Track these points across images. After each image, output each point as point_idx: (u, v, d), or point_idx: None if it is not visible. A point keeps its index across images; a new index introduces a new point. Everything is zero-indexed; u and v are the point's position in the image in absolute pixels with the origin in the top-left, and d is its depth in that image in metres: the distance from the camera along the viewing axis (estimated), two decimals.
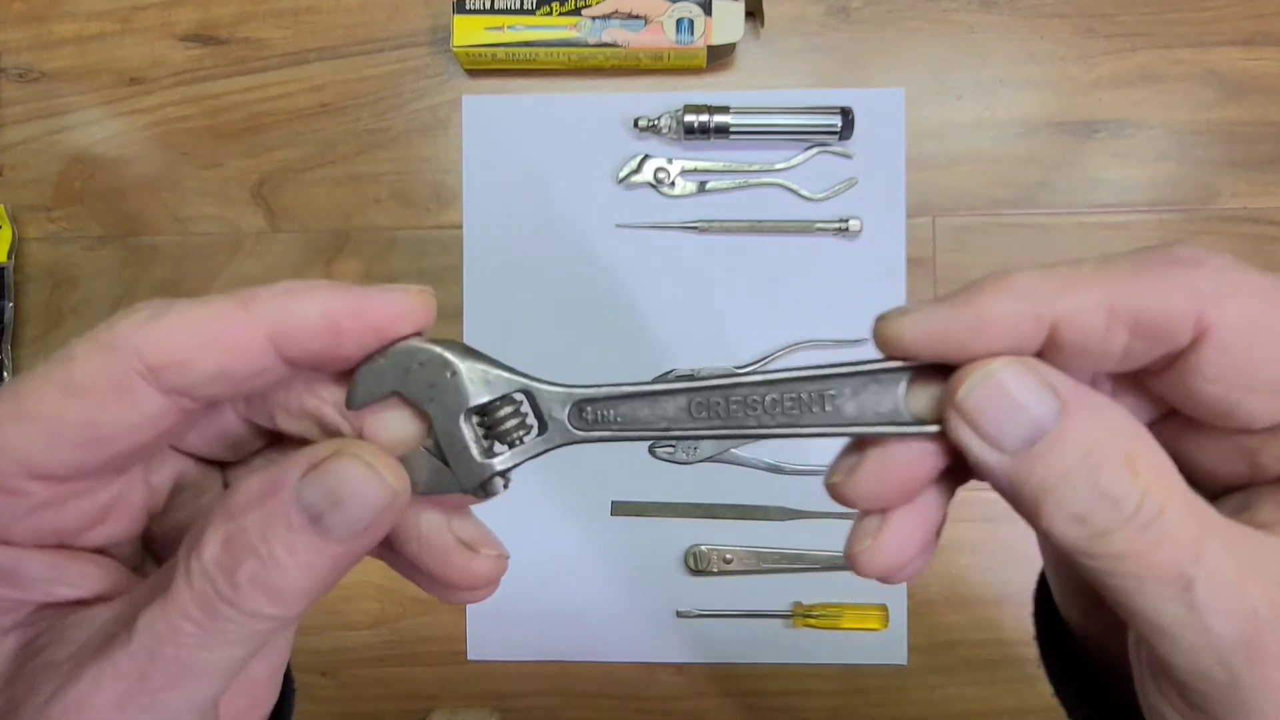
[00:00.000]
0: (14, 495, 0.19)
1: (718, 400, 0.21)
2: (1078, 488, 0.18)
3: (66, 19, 0.64)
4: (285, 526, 0.19)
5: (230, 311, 0.19)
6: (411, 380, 0.21)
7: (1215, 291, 0.18)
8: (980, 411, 0.19)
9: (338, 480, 0.19)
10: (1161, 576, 0.18)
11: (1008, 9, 0.61)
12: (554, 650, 0.62)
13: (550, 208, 0.62)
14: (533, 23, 0.59)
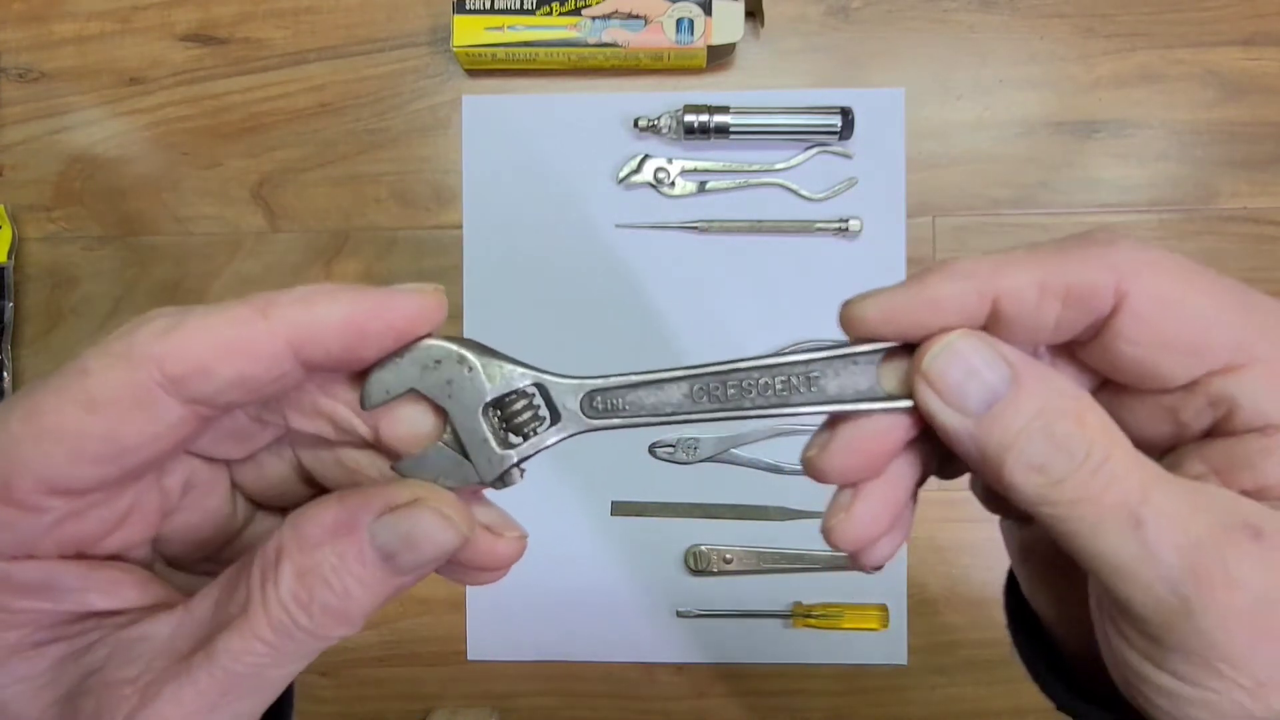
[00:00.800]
0: (37, 512, 0.19)
1: (716, 385, 0.23)
2: (1034, 441, 0.20)
3: (66, 19, 0.64)
4: (359, 563, 0.20)
5: (249, 319, 0.19)
6: (428, 377, 0.21)
7: (1130, 264, 0.20)
8: (943, 377, 0.21)
9: (413, 527, 0.21)
10: (1114, 516, 0.20)
11: (1008, 9, 0.61)
12: (554, 650, 0.62)
13: (550, 208, 0.62)
14: (533, 23, 0.59)
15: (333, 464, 0.24)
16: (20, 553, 0.20)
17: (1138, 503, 0.20)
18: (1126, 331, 0.21)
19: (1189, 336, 0.21)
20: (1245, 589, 0.20)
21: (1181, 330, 0.21)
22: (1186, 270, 0.21)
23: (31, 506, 0.19)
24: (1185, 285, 0.21)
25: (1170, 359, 0.21)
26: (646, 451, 0.61)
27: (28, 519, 0.19)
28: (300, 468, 0.25)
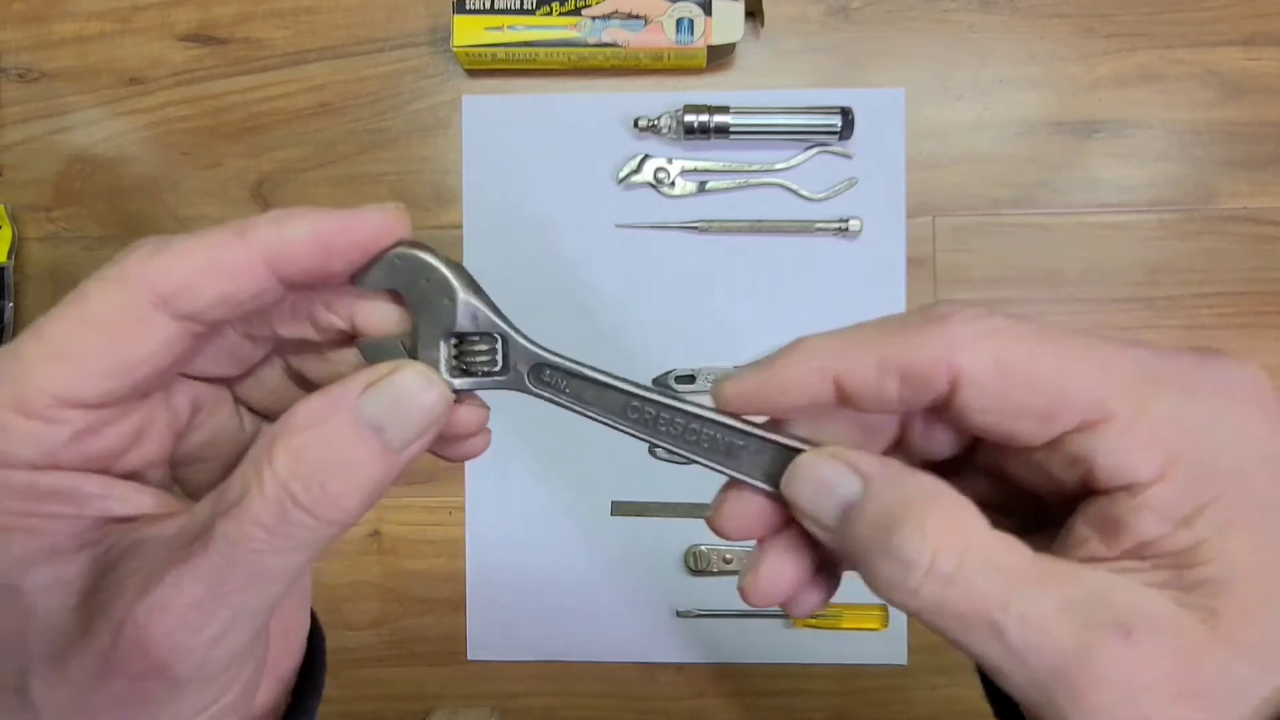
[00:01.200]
0: (54, 423, 0.21)
1: (650, 412, 0.25)
2: (877, 552, 0.21)
3: (66, 19, 0.64)
4: (350, 438, 0.21)
5: (228, 240, 0.21)
6: (415, 289, 0.23)
7: (963, 339, 0.21)
8: (800, 498, 0.23)
9: (396, 392, 0.22)
10: (975, 624, 0.20)
11: (1008, 9, 0.61)
12: (554, 650, 0.62)
13: (550, 208, 0.62)
14: (533, 23, 0.59)
15: (321, 364, 0.26)
16: (45, 463, 0.21)
17: (998, 611, 0.20)
18: (971, 402, 0.21)
19: (1035, 401, 0.21)
20: (1115, 690, 0.19)
21: (1026, 395, 0.21)
22: (1028, 334, 0.21)
23: (49, 418, 0.21)
24: (1026, 350, 0.21)
25: (1021, 423, 0.21)
26: (646, 452, 0.61)
27: (47, 430, 0.21)
28: (295, 374, 0.27)
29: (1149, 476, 0.20)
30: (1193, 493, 0.20)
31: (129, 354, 0.21)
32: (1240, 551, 0.20)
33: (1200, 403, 0.20)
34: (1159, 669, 0.19)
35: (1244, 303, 0.60)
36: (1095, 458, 0.20)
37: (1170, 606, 0.20)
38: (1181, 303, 0.60)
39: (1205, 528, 0.20)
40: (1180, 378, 0.21)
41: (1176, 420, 0.20)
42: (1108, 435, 0.20)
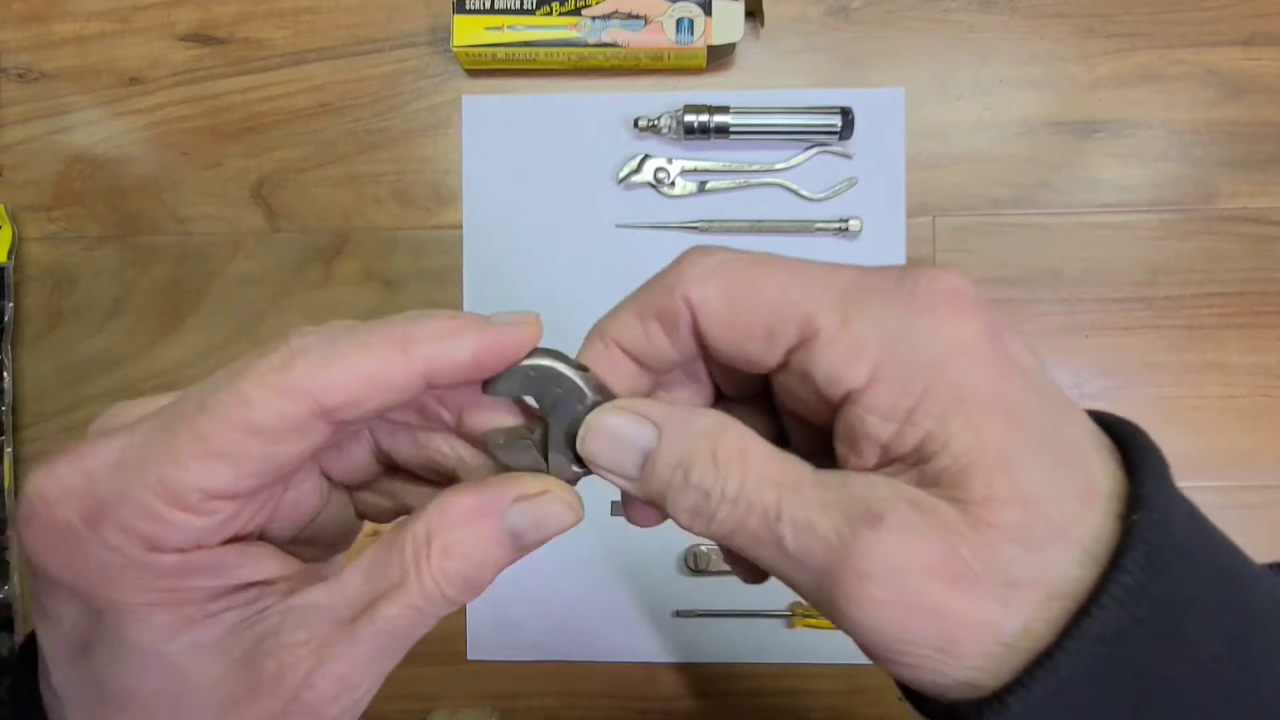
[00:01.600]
0: (206, 515, 0.22)
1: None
2: (680, 489, 0.23)
3: (66, 19, 0.64)
4: (496, 543, 0.24)
5: (392, 355, 0.22)
6: (547, 396, 0.25)
7: (692, 277, 0.24)
8: (598, 455, 0.24)
9: (544, 513, 0.25)
10: (761, 537, 0.22)
11: (1008, 9, 0.61)
12: (554, 650, 0.62)
13: (550, 208, 0.62)
14: (533, 23, 0.59)
15: (413, 449, 0.28)
16: (192, 546, 0.23)
17: (774, 520, 0.22)
18: (710, 331, 0.23)
19: (757, 321, 0.23)
20: (876, 577, 0.21)
21: (749, 318, 0.23)
22: (749, 264, 0.23)
23: (201, 511, 0.22)
24: (748, 278, 0.23)
25: (751, 345, 0.23)
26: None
27: (199, 521, 0.22)
28: (379, 450, 0.28)
29: (860, 382, 0.22)
30: (904, 391, 0.21)
31: (283, 457, 0.23)
32: (965, 437, 0.21)
33: (898, 309, 0.22)
34: (916, 553, 0.20)
35: (1244, 303, 0.60)
36: (813, 371, 0.22)
37: (922, 495, 0.21)
38: (1181, 303, 0.60)
39: (925, 420, 0.21)
40: (881, 290, 0.22)
41: (878, 328, 0.22)
42: (819, 348, 0.22)
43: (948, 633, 0.21)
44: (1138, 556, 0.20)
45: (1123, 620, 0.20)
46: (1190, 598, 0.20)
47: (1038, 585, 0.20)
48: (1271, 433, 0.60)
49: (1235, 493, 0.60)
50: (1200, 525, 0.22)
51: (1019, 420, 0.21)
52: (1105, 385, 0.60)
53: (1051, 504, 0.21)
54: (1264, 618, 0.21)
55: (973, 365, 0.21)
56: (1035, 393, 0.22)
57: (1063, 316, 0.61)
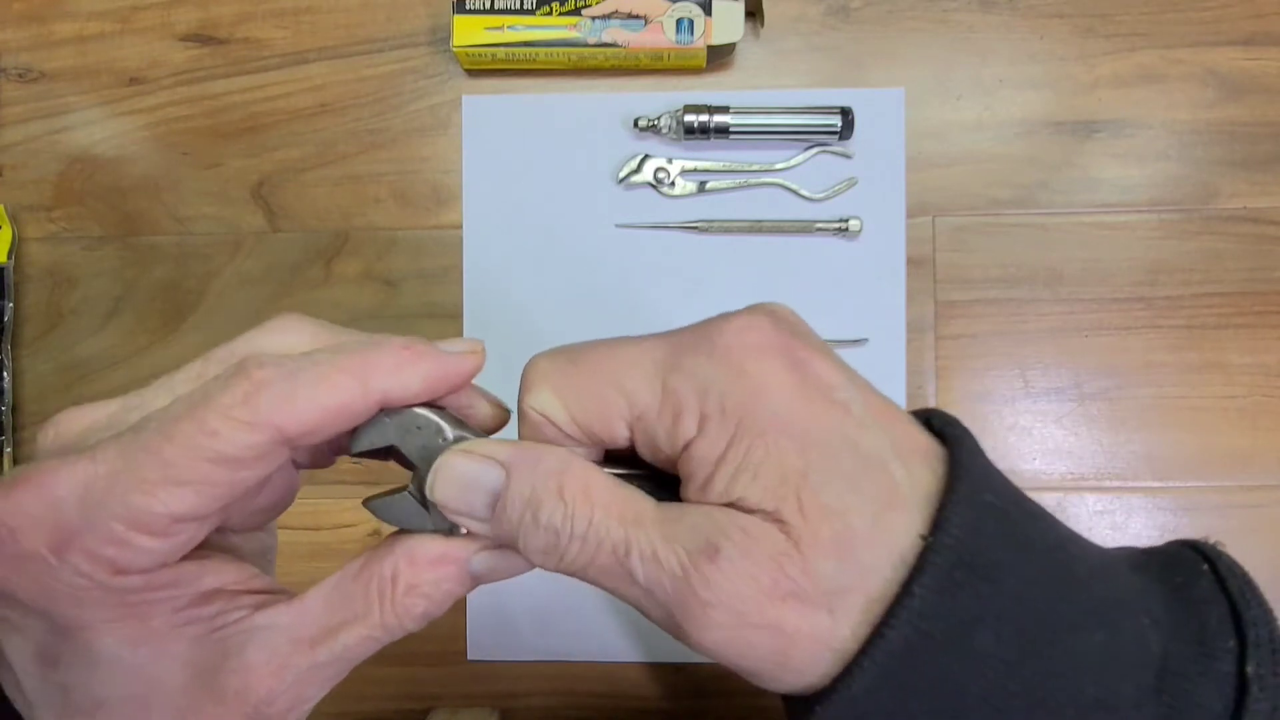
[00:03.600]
0: (171, 537, 0.24)
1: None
2: (530, 529, 0.24)
3: (66, 19, 0.64)
4: (457, 584, 0.26)
5: (351, 388, 0.24)
6: (409, 440, 0.25)
7: (523, 385, 0.25)
8: (448, 499, 0.25)
9: (504, 562, 0.26)
10: (613, 572, 0.23)
11: (1008, 9, 0.61)
12: (554, 650, 0.62)
13: (550, 208, 0.62)
14: (533, 23, 0.59)
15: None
16: (157, 566, 0.24)
17: (624, 555, 0.23)
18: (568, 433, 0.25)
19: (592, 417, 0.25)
20: (716, 606, 0.22)
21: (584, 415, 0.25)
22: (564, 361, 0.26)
23: (168, 534, 0.23)
24: (568, 380, 0.25)
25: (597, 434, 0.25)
26: None
27: (166, 543, 0.23)
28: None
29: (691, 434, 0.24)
30: (720, 434, 0.23)
31: (248, 480, 0.24)
32: (770, 466, 0.23)
33: (703, 363, 0.24)
34: (751, 578, 0.22)
35: (1244, 303, 0.60)
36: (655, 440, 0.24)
37: (751, 522, 0.22)
38: (1181, 303, 0.60)
39: (737, 457, 0.23)
40: (691, 348, 0.24)
41: (693, 383, 0.24)
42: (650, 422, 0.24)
43: (784, 647, 0.23)
44: (926, 580, 0.21)
45: (912, 637, 0.21)
46: (981, 612, 0.21)
47: (857, 592, 0.22)
48: (1271, 433, 0.60)
49: (1235, 493, 0.60)
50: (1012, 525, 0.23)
51: (814, 442, 0.23)
52: (1105, 385, 0.60)
53: (854, 514, 0.22)
54: (1064, 620, 0.22)
55: (773, 400, 0.23)
56: (835, 411, 0.23)
57: (1062, 316, 0.61)
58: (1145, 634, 0.22)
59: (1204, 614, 0.23)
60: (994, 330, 0.61)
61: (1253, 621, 0.23)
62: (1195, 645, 0.23)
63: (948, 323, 0.61)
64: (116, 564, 0.23)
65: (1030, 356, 0.61)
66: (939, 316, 0.61)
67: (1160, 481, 0.60)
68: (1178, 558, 0.25)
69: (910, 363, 0.61)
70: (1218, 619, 0.23)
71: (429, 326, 0.63)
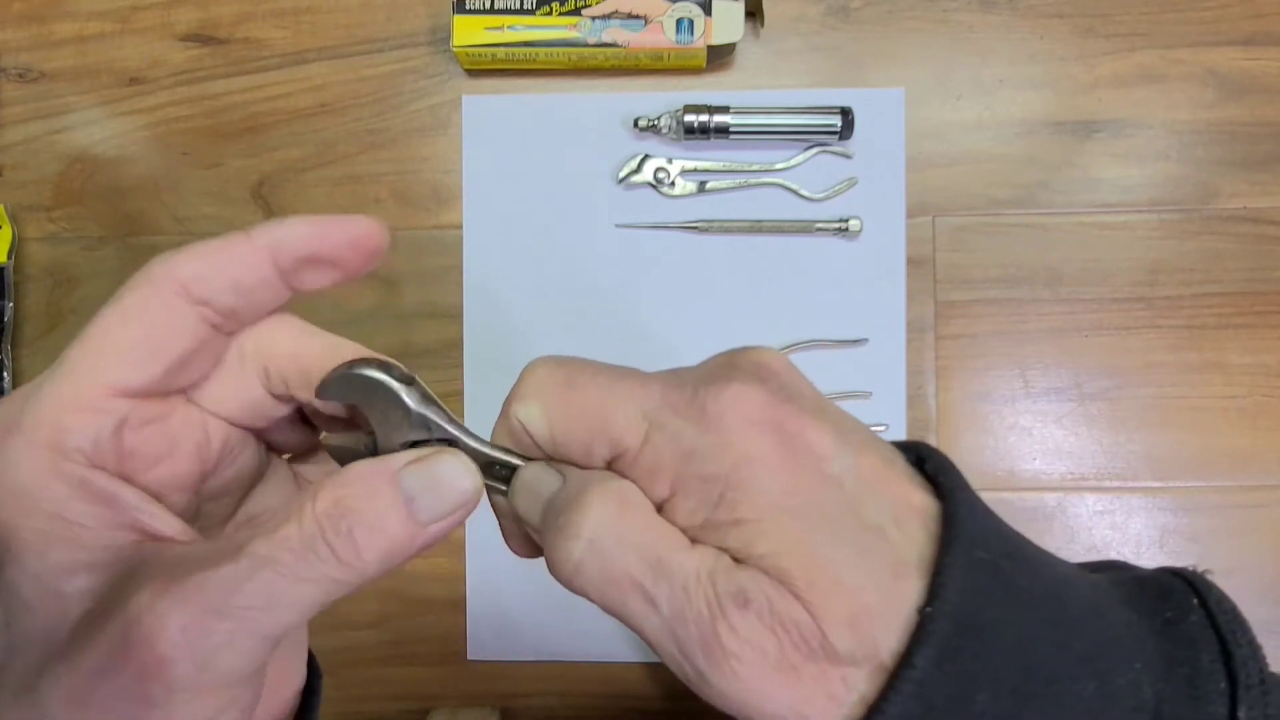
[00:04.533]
0: (101, 413, 0.24)
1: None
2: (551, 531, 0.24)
3: (66, 19, 0.64)
4: (385, 500, 0.24)
5: (236, 238, 0.25)
6: (372, 404, 0.26)
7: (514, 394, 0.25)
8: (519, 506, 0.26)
9: (438, 471, 0.25)
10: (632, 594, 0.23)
11: (1008, 9, 0.61)
12: (554, 650, 0.62)
13: (550, 208, 0.62)
14: (533, 23, 0.59)
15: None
16: (95, 457, 0.24)
17: (649, 581, 0.23)
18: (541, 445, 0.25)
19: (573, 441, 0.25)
20: (744, 659, 0.22)
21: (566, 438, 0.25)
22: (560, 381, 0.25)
23: (99, 409, 0.23)
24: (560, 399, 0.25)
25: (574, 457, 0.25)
26: None
27: (96, 420, 0.23)
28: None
29: (664, 495, 0.24)
30: (700, 503, 0.23)
31: (161, 339, 0.24)
32: (769, 541, 0.22)
33: (691, 426, 0.23)
34: (774, 636, 0.22)
35: (1244, 303, 0.60)
36: (636, 482, 0.24)
37: (775, 585, 0.22)
38: (1181, 303, 0.60)
39: (721, 528, 0.23)
40: (677, 407, 0.24)
41: (674, 445, 0.23)
42: (626, 465, 0.24)
43: (799, 706, 0.22)
44: (928, 651, 0.21)
45: (914, 709, 0.21)
46: (978, 672, 0.22)
47: (868, 660, 0.22)
48: (1271, 433, 0.60)
49: (1235, 493, 0.60)
50: (1006, 579, 0.23)
51: (816, 515, 0.23)
52: (1105, 385, 0.60)
53: (867, 591, 0.22)
54: (1058, 671, 0.22)
55: (762, 473, 0.23)
56: (830, 483, 0.23)
57: (1062, 316, 0.61)
58: (1139, 679, 0.23)
59: (1195, 654, 0.23)
60: (994, 330, 0.61)
61: (1243, 661, 0.23)
62: (1187, 687, 0.23)
63: (948, 323, 0.61)
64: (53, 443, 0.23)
65: (1030, 356, 0.61)
66: (939, 316, 0.61)
67: (1160, 481, 0.60)
68: (1168, 590, 0.25)
69: (910, 363, 0.61)
70: (1209, 659, 0.23)
71: (429, 326, 0.63)
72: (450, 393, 0.61)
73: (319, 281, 0.26)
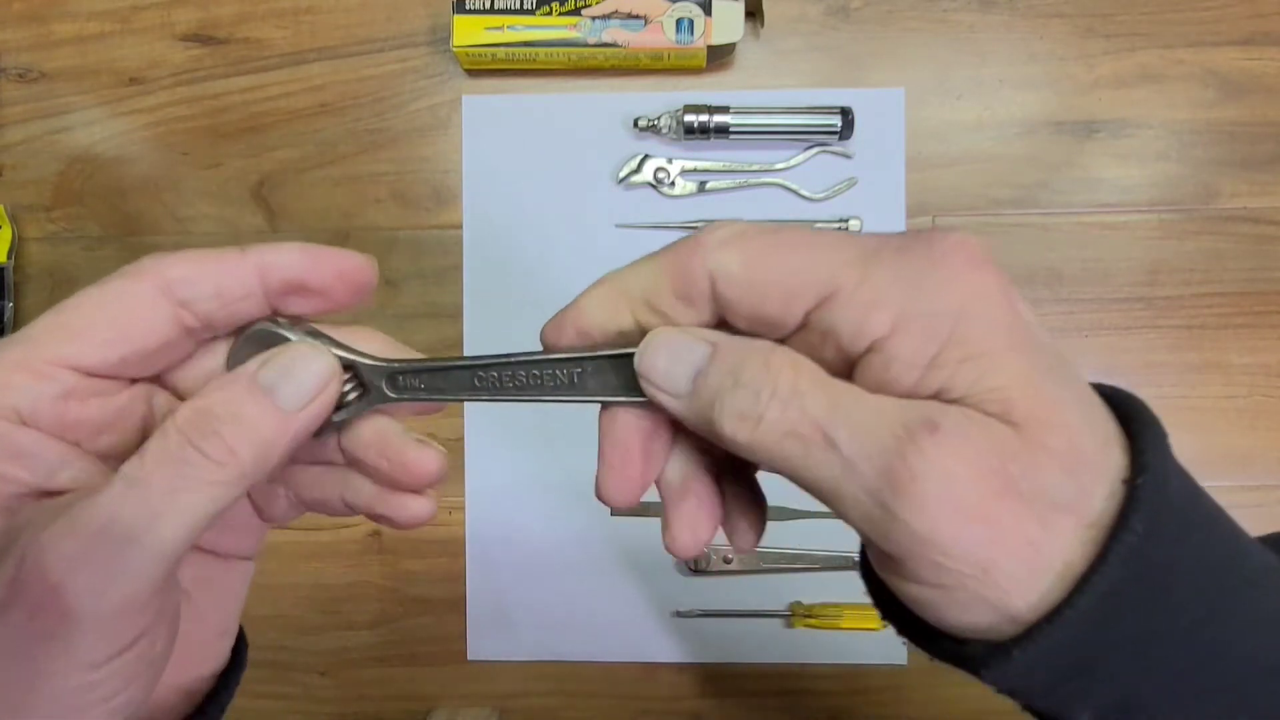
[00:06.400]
0: (45, 379, 0.24)
1: (494, 375, 0.27)
2: (729, 393, 0.23)
3: (66, 19, 0.64)
4: (244, 395, 0.24)
5: (230, 252, 0.25)
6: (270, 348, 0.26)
7: (713, 247, 0.24)
8: (652, 369, 0.24)
9: (288, 358, 0.25)
10: (812, 442, 0.22)
11: (1008, 9, 0.61)
12: (554, 650, 0.62)
13: (550, 208, 0.62)
14: (533, 23, 0.59)
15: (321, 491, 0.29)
16: (28, 417, 0.24)
17: (828, 424, 0.22)
18: (728, 294, 0.24)
19: (776, 285, 0.23)
20: (932, 481, 0.21)
21: (769, 281, 0.23)
22: (767, 232, 0.24)
23: (42, 374, 0.24)
24: (766, 244, 0.23)
25: (770, 308, 0.23)
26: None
27: (38, 385, 0.24)
28: (300, 500, 0.30)
29: (883, 332, 0.22)
30: (927, 338, 0.22)
31: (127, 328, 0.24)
32: (998, 375, 0.22)
33: (916, 265, 0.23)
34: (971, 462, 0.21)
35: (1244, 303, 0.60)
36: (837, 327, 0.23)
37: (973, 413, 0.22)
38: (1181, 303, 0.60)
39: (949, 364, 0.22)
40: (899, 247, 0.23)
41: (898, 279, 0.22)
42: (840, 304, 0.23)
43: (991, 550, 0.21)
44: (1141, 518, 0.21)
45: (1122, 578, 0.21)
46: (1181, 563, 0.21)
47: (1073, 513, 0.21)
48: (1271, 433, 0.60)
49: (1235, 493, 0.60)
50: (1195, 495, 0.23)
51: (1042, 360, 0.22)
52: None
53: (1085, 435, 0.22)
54: (1245, 590, 0.22)
55: (992, 312, 0.22)
56: (1046, 346, 0.23)
57: (1062, 316, 0.61)
58: None
59: None
60: None
61: None
62: None
63: None
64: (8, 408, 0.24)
65: None
66: None
67: None
68: None
69: None
70: None
71: (429, 326, 0.63)
72: None
73: (303, 307, 0.26)
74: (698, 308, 0.24)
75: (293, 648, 0.63)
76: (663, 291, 0.25)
